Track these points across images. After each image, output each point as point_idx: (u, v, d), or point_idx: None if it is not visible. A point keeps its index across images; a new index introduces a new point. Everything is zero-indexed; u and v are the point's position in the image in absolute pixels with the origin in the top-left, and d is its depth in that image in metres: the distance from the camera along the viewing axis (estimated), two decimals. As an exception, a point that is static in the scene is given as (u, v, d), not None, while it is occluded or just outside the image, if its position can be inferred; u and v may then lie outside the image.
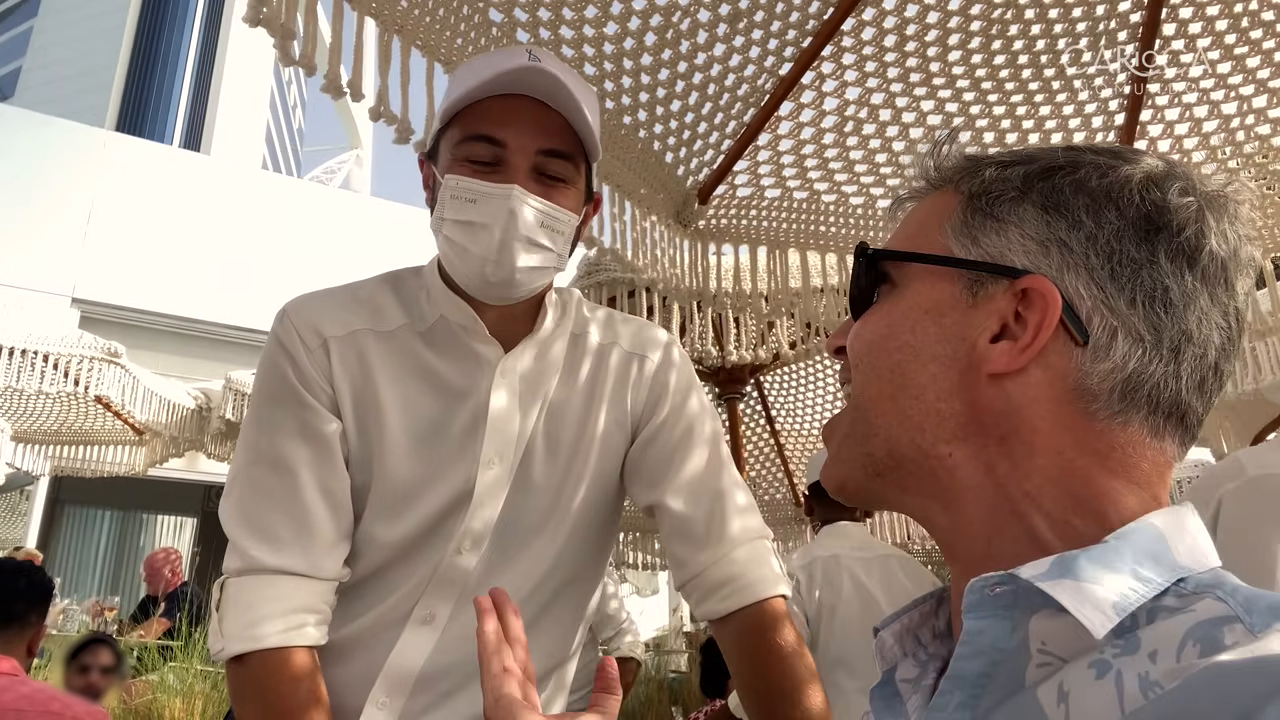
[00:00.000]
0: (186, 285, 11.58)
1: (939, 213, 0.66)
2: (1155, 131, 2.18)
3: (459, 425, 1.19)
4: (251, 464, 1.15)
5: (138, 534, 12.80)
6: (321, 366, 1.16)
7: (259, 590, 1.09)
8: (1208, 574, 0.54)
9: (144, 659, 5.19)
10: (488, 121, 1.11)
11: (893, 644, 0.70)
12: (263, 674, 1.06)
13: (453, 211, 1.12)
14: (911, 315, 0.65)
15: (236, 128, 49.81)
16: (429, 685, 1.16)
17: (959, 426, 0.61)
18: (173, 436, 5.37)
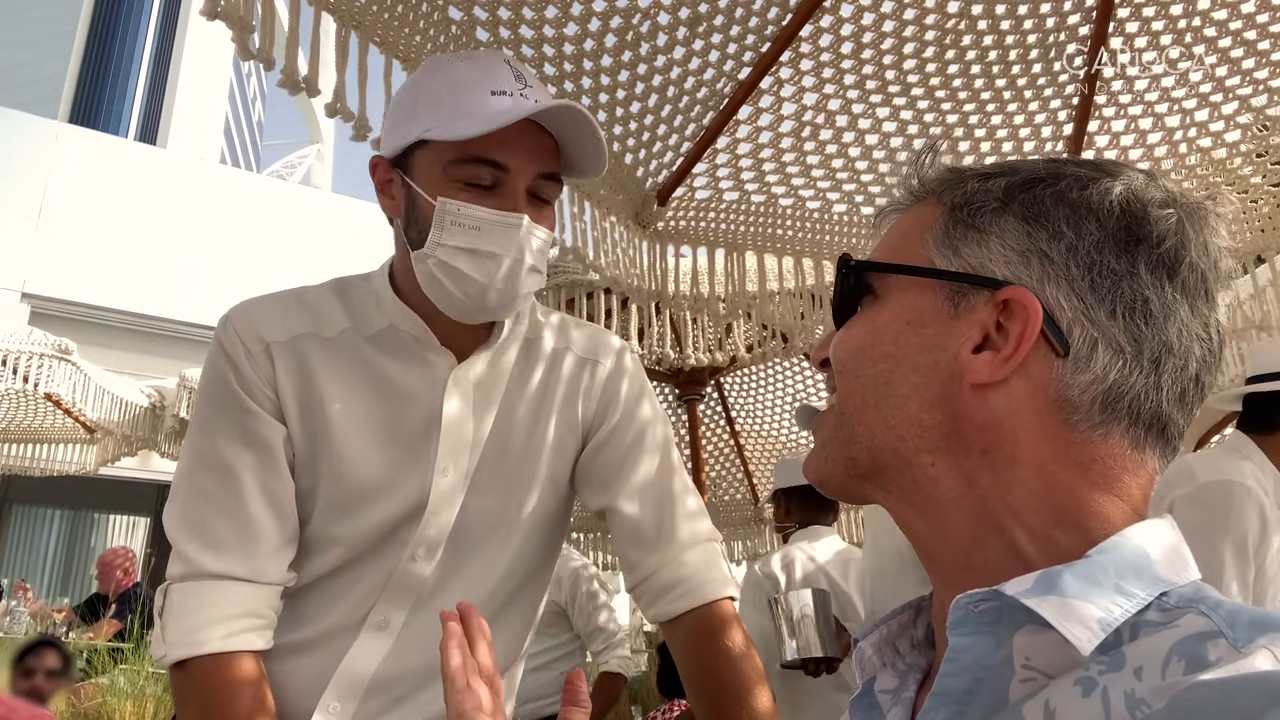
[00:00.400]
0: (141, 281, 11.36)
1: (921, 224, 0.67)
2: (1102, 142, 2.24)
3: (411, 431, 1.19)
4: (194, 469, 1.15)
5: (89, 534, 12.55)
6: (264, 372, 1.16)
7: (201, 595, 1.09)
8: (1189, 587, 0.55)
9: (94, 661, 5.10)
10: (493, 145, 1.09)
11: (871, 654, 0.70)
12: (205, 680, 1.06)
13: (454, 238, 1.10)
14: (894, 325, 0.65)
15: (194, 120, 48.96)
16: (381, 691, 1.16)
17: (941, 437, 0.61)
18: (125, 435, 5.27)
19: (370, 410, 1.18)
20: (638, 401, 1.32)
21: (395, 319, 1.20)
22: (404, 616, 1.18)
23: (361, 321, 1.21)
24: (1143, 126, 2.19)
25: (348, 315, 1.21)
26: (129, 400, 5.13)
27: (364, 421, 1.17)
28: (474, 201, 1.10)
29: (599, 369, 1.31)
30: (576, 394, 1.29)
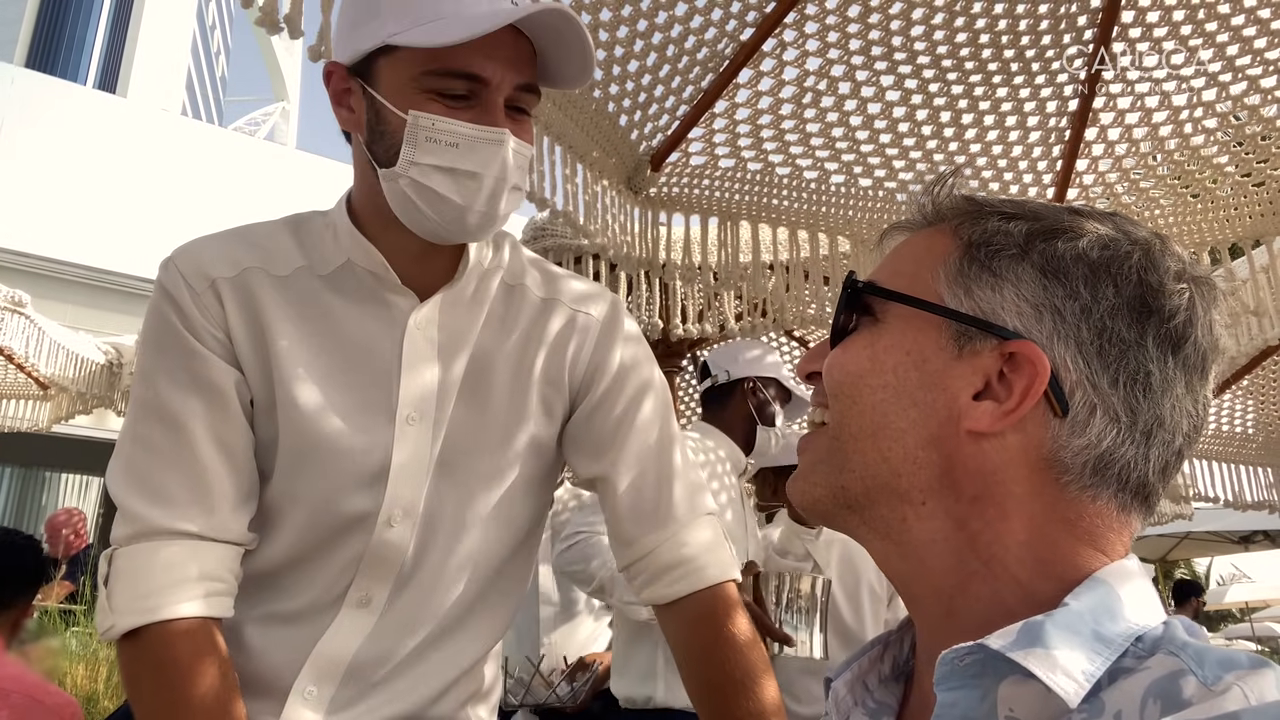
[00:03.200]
0: (99, 234, 11.03)
1: (933, 254, 0.65)
2: (1107, 119, 2.19)
3: (370, 379, 1.09)
4: (139, 421, 1.04)
5: (39, 493, 12.26)
6: (212, 311, 1.05)
7: (152, 557, 0.98)
8: (1159, 628, 0.56)
9: (45, 624, 4.97)
10: (470, 55, 0.98)
11: (845, 694, 0.69)
12: (160, 650, 0.95)
13: (430, 155, 0.99)
14: (894, 355, 0.64)
15: (155, 71, 47.67)
16: (362, 674, 1.08)
17: (934, 477, 0.61)
18: (80, 392, 5.10)
19: (327, 355, 1.08)
20: (634, 364, 1.21)
21: (353, 254, 1.09)
22: (386, 593, 1.09)
23: (316, 259, 1.10)
24: (1149, 104, 2.14)
25: (302, 253, 1.10)
26: (85, 356, 4.97)
27: (320, 367, 1.07)
28: (449, 115, 0.99)
29: (591, 325, 1.19)
30: (564, 351, 1.17)
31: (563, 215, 1.86)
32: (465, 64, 0.99)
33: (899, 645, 0.72)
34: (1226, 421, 4.43)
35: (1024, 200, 0.67)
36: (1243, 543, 11.41)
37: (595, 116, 2.01)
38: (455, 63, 0.99)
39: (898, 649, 0.72)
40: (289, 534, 1.08)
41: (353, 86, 1.06)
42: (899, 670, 0.71)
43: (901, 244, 0.70)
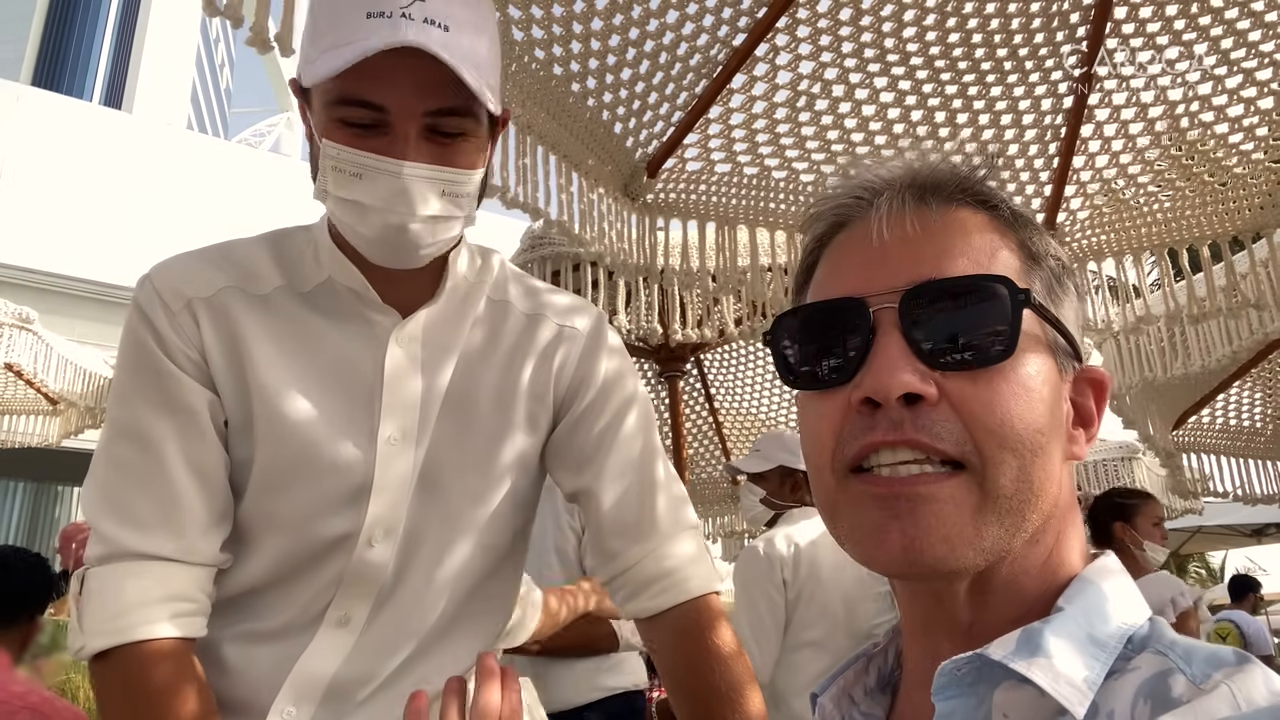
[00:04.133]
0: (105, 249, 11.08)
1: (1015, 266, 0.62)
2: (1102, 115, 2.19)
3: (352, 398, 1.07)
4: (112, 441, 1.03)
5: (52, 507, 12.31)
6: (187, 332, 1.04)
7: (123, 579, 0.97)
8: (1145, 625, 0.57)
9: (56, 637, 4.98)
10: (364, 82, 0.93)
11: (832, 709, 0.69)
12: (132, 671, 0.94)
13: (336, 186, 0.97)
14: (1039, 386, 0.59)
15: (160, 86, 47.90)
16: (342, 694, 1.06)
17: (1047, 520, 0.60)
18: (89, 407, 5.13)
19: (306, 375, 1.06)
20: (617, 378, 1.20)
21: (333, 271, 1.07)
22: (366, 612, 1.07)
23: (296, 277, 1.08)
24: (1144, 100, 2.13)
25: (280, 271, 1.08)
26: (92, 371, 4.98)
27: (300, 387, 1.05)
28: (354, 144, 0.95)
29: (575, 341, 1.18)
30: (549, 366, 1.16)
31: (557, 225, 1.86)
32: (362, 92, 0.94)
33: (884, 657, 0.71)
34: (1235, 416, 4.41)
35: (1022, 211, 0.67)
36: (1255, 535, 11.35)
37: (590, 125, 2.01)
38: (354, 91, 0.94)
39: (882, 660, 0.71)
40: (267, 553, 1.07)
41: (303, 106, 1.04)
42: (884, 681, 0.71)
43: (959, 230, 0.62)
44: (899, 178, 0.65)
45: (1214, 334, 3.08)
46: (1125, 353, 3.26)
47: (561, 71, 1.88)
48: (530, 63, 1.82)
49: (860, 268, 0.63)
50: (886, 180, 0.66)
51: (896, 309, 0.59)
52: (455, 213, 1.01)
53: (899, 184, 0.65)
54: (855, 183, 0.67)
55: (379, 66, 0.92)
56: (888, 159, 0.67)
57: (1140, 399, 3.50)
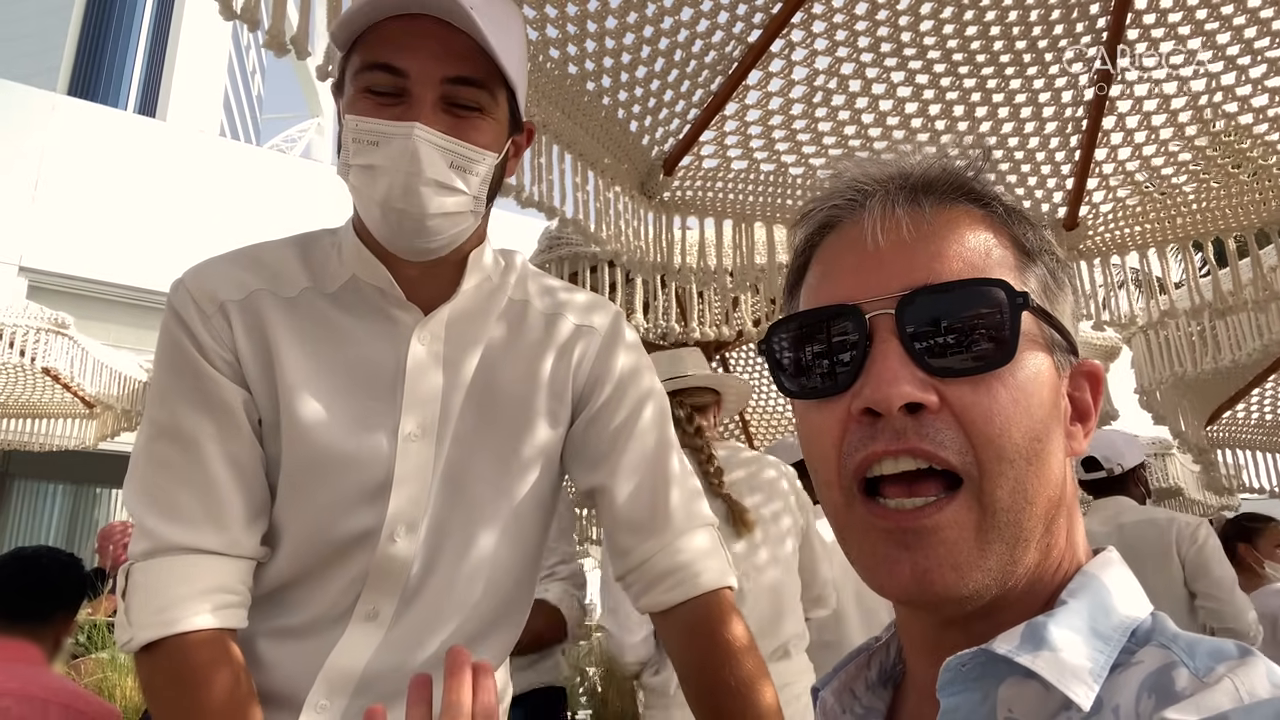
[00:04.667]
0: (139, 254, 11.27)
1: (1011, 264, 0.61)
2: (1124, 107, 2.16)
3: (375, 393, 1.10)
4: (153, 440, 1.07)
5: (91, 508, 12.54)
6: (220, 333, 1.08)
7: (168, 572, 1.00)
8: (1148, 619, 0.57)
9: (94, 636, 5.07)
10: (387, 47, 1.00)
11: (833, 703, 0.69)
12: (178, 662, 0.97)
13: (355, 155, 1.01)
14: (1039, 389, 0.59)
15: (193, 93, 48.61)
16: (372, 686, 1.09)
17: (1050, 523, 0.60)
18: (124, 410, 5.22)
19: (331, 373, 1.09)
20: (633, 375, 1.22)
21: (357, 269, 1.11)
22: (394, 606, 1.10)
23: (322, 278, 1.12)
24: (1167, 90, 2.10)
25: (308, 273, 1.12)
26: (127, 375, 5.07)
27: (324, 385, 1.09)
28: (373, 113, 1.00)
29: (593, 339, 1.21)
30: (568, 364, 1.18)
31: (572, 224, 1.87)
32: (385, 56, 1.00)
33: (885, 652, 0.71)
34: (1270, 410, 4.33)
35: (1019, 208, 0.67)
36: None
37: (605, 123, 2.02)
38: (378, 56, 1.00)
39: (884, 655, 0.71)
40: (293, 549, 1.10)
41: (338, 103, 1.09)
42: (886, 676, 0.71)
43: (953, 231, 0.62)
44: (891, 177, 0.65)
45: (1244, 327, 3.03)
46: (1155, 348, 3.21)
47: (577, 70, 1.89)
48: (545, 62, 1.83)
49: (854, 272, 0.62)
50: (877, 180, 0.65)
51: (893, 315, 0.59)
52: (462, 188, 1.03)
53: (891, 184, 0.64)
54: (846, 182, 0.66)
55: (403, 33, 0.99)
56: (878, 156, 0.67)
57: (1171, 394, 3.45)
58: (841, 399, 0.60)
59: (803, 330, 0.63)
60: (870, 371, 0.58)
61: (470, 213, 1.07)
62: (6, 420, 5.88)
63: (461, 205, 1.04)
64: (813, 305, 0.65)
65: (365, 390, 1.10)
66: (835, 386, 0.61)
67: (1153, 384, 3.24)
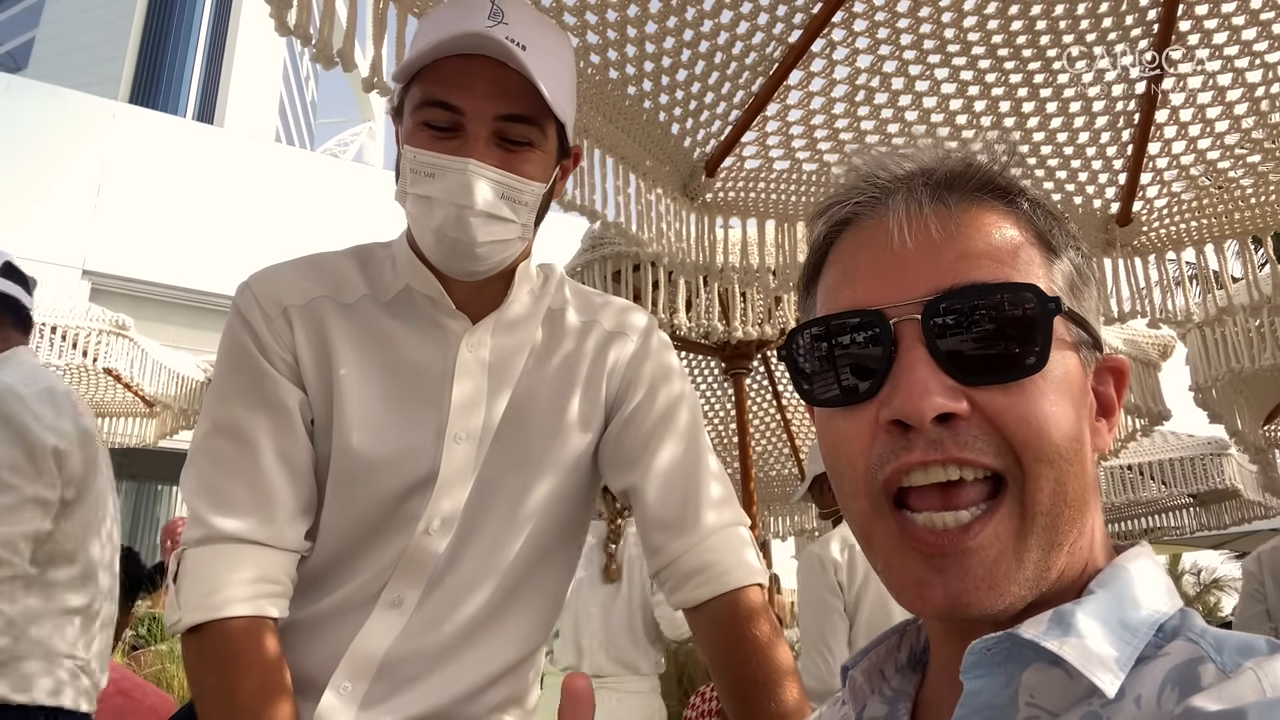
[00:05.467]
0: (197, 258, 11.58)
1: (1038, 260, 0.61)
2: (1177, 100, 2.11)
3: (422, 399, 1.16)
4: (211, 434, 1.13)
5: (153, 505, 12.91)
6: (283, 336, 1.14)
7: (218, 560, 1.06)
8: (1176, 615, 0.57)
9: (153, 629, 5.23)
10: (444, 86, 1.06)
11: (863, 682, 0.69)
12: (221, 646, 1.03)
13: (412, 185, 1.08)
14: (1069, 388, 0.58)
15: (249, 100, 49.70)
16: (392, 671, 1.13)
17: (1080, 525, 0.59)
18: (182, 409, 5.37)
19: (383, 378, 1.15)
20: (665, 379, 1.27)
21: (410, 279, 1.17)
22: (418, 595, 1.15)
23: (379, 287, 1.19)
24: (1221, 83, 2.05)
25: (365, 282, 1.19)
26: (185, 375, 5.21)
27: (377, 389, 1.15)
28: (430, 146, 1.07)
29: (626, 344, 1.26)
30: (602, 369, 1.24)
31: (614, 226, 1.88)
32: (443, 95, 1.06)
33: (915, 635, 0.71)
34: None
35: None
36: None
37: (647, 126, 2.03)
38: (436, 94, 1.06)
39: (914, 638, 0.71)
40: (332, 540, 1.15)
41: (398, 128, 1.16)
42: (915, 659, 0.71)
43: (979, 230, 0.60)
44: (913, 173, 0.63)
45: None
46: (1211, 344, 3.13)
47: (617, 75, 1.90)
48: (586, 67, 1.85)
49: (876, 275, 0.61)
50: (900, 176, 0.64)
51: (919, 321, 0.57)
52: (511, 217, 1.10)
53: (914, 180, 0.63)
54: (866, 178, 0.65)
55: (459, 73, 1.05)
56: (900, 151, 0.65)
57: (1227, 392, 3.35)
58: (867, 407, 0.59)
59: (824, 335, 0.62)
60: (898, 381, 0.57)
61: (519, 239, 1.13)
62: (72, 419, 6.06)
63: (511, 233, 1.11)
64: (834, 309, 0.63)
65: (414, 394, 1.15)
66: (860, 395, 0.59)
67: (1208, 382, 3.16)
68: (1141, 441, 4.85)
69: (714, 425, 4.74)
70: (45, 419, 2.02)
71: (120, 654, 3.96)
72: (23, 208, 11.02)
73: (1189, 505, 6.46)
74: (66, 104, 12.23)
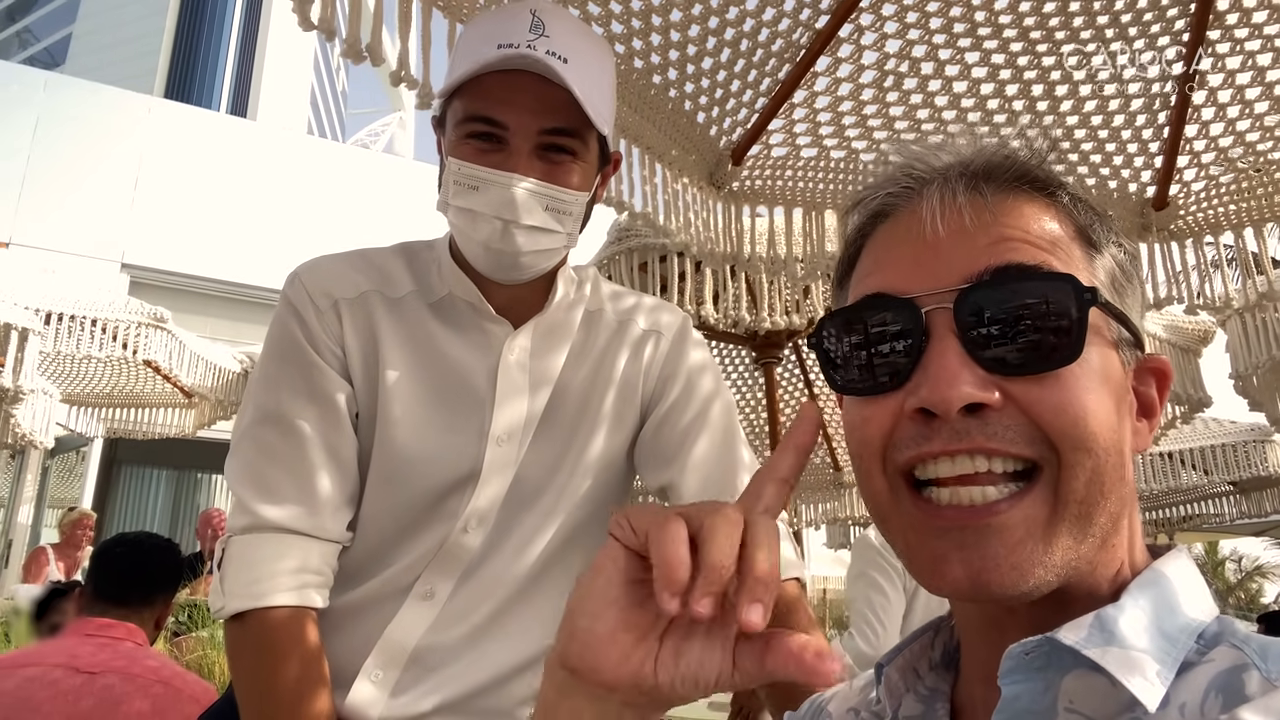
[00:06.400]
0: (232, 250, 11.74)
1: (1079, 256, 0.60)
2: (1215, 80, 2.06)
3: (465, 400, 1.17)
4: (258, 423, 1.15)
5: (193, 493, 13.14)
6: (332, 328, 1.15)
7: (262, 549, 1.08)
8: (1214, 622, 0.56)
9: (195, 616, 5.33)
10: (487, 101, 1.08)
11: (898, 680, 0.68)
12: (263, 634, 1.05)
13: (456, 197, 1.10)
14: (1107, 382, 0.57)
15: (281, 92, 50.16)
16: (421, 659, 1.16)
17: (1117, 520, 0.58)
18: (220, 399, 5.46)
19: (426, 378, 1.17)
20: (699, 375, 1.29)
21: (453, 285, 1.19)
22: (450, 588, 1.17)
23: (425, 287, 1.21)
24: (1261, 63, 2.00)
25: (413, 278, 1.21)
26: (222, 366, 5.30)
27: (421, 387, 1.16)
28: (474, 159, 1.08)
29: (661, 343, 1.28)
30: (638, 368, 1.26)
31: (641, 217, 1.88)
32: (486, 110, 1.07)
33: (948, 633, 0.71)
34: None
35: None
36: None
37: (672, 116, 2.02)
38: (479, 109, 1.08)
39: (948, 636, 0.71)
40: (370, 533, 1.17)
41: (439, 137, 1.18)
42: (949, 657, 0.70)
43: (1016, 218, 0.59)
44: (950, 165, 0.62)
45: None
46: (1251, 330, 3.07)
47: (642, 64, 1.89)
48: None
49: (909, 263, 0.60)
50: (936, 168, 0.63)
51: (951, 310, 0.56)
52: (556, 228, 1.11)
53: (950, 171, 0.62)
54: (902, 169, 0.64)
55: (502, 88, 1.06)
56: (937, 143, 0.64)
57: (1269, 379, 3.28)
58: (895, 395, 0.58)
59: (855, 323, 0.61)
60: (927, 369, 0.56)
61: (564, 247, 1.15)
62: (113, 410, 6.21)
63: (556, 242, 1.13)
64: (865, 297, 0.62)
65: (458, 395, 1.17)
66: (889, 384, 0.58)
67: (1249, 368, 3.10)
68: (1182, 429, 4.77)
69: (745, 414, 4.73)
70: None
71: (162, 641, 4.04)
72: (63, 202, 11.22)
73: (1230, 493, 6.35)
74: (103, 100, 12.42)
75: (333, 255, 1.23)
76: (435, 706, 1.15)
